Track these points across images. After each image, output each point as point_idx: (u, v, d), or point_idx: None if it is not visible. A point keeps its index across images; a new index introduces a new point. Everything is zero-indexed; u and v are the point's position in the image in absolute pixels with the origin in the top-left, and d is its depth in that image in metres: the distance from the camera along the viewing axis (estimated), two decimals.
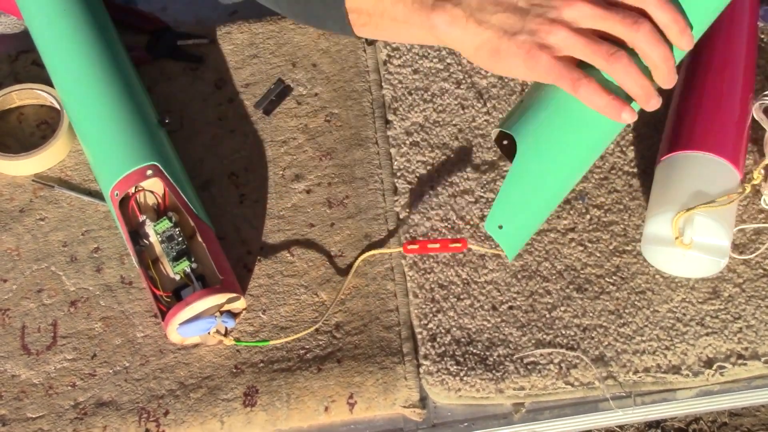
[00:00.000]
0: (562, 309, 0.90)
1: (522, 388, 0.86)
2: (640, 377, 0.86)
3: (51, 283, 0.94)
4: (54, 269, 0.95)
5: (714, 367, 0.86)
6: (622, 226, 0.94)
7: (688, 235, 0.84)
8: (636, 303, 0.90)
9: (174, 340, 0.89)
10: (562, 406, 0.87)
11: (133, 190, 0.91)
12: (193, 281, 0.88)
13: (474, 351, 0.88)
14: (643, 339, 0.88)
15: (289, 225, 0.96)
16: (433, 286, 0.91)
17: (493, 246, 0.93)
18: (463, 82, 1.02)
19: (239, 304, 0.88)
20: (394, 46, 1.05)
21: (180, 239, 0.89)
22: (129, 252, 0.94)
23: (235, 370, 0.89)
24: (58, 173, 0.99)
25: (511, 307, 0.90)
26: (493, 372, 0.87)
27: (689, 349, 0.87)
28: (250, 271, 0.93)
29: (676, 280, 0.90)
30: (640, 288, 0.90)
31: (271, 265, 0.94)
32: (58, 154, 1.00)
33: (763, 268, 0.90)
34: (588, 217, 0.94)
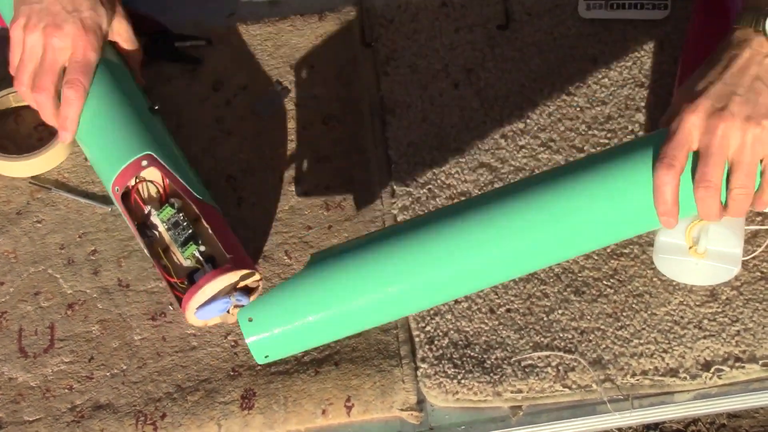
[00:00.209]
0: (560, 312, 0.90)
1: (519, 391, 0.86)
2: (637, 380, 0.86)
3: (48, 286, 0.94)
4: (51, 272, 0.95)
5: (712, 370, 0.86)
6: None
7: (702, 245, 0.84)
8: (634, 306, 0.89)
9: (196, 325, 0.89)
10: (559, 409, 0.87)
11: (133, 182, 0.91)
12: (203, 264, 0.87)
13: (471, 354, 0.88)
14: (641, 342, 0.88)
15: (287, 227, 0.96)
16: None
17: None
18: (461, 83, 1.02)
19: (255, 278, 0.88)
20: (393, 47, 1.04)
21: (185, 224, 0.89)
22: (126, 255, 0.94)
23: (232, 373, 0.89)
24: (56, 175, 0.99)
25: (508, 310, 0.90)
26: (491, 375, 0.87)
27: (687, 352, 0.87)
28: None
29: (674, 283, 0.90)
30: (638, 291, 0.90)
31: (268, 267, 0.94)
32: (56, 157, 0.99)
33: (761, 270, 0.90)
34: None
